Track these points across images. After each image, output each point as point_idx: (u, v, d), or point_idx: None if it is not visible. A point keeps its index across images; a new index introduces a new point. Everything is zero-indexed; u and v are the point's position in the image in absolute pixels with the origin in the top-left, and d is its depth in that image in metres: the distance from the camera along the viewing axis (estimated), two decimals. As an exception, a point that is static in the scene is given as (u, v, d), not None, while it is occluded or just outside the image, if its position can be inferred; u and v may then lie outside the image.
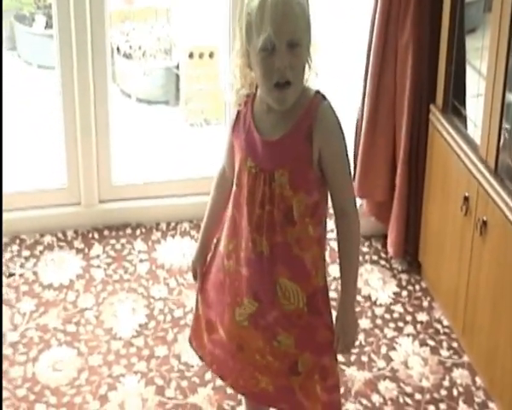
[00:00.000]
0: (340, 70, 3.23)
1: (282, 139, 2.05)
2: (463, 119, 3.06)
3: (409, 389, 2.90)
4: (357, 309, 3.21)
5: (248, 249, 2.12)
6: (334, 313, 2.21)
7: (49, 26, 4.60)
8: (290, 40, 1.96)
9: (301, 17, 1.98)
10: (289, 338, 2.16)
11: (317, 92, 2.07)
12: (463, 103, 3.09)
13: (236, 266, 2.17)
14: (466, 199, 2.88)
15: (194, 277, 2.35)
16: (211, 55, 4.33)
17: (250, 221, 2.10)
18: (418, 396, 2.88)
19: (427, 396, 2.88)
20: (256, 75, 2.02)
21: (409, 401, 2.86)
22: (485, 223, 2.76)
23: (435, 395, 2.88)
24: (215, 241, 2.30)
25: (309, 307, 2.14)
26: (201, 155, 4.02)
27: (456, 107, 3.09)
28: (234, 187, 2.14)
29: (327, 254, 2.33)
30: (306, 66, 2.03)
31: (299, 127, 2.04)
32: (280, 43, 1.95)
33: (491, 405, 2.85)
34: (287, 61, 1.96)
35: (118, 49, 4.52)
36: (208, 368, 2.49)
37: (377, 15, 3.18)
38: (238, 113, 2.12)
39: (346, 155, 2.12)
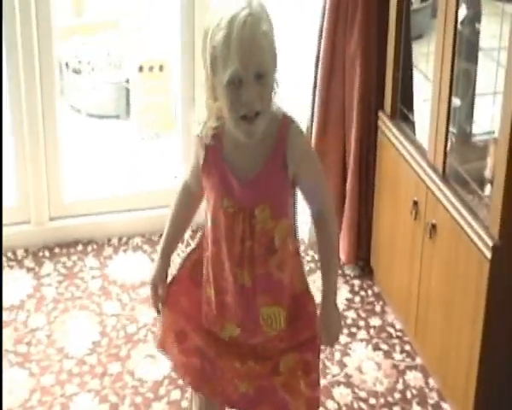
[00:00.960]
0: (288, 79, 3.23)
1: (259, 175, 2.02)
2: (411, 124, 3.08)
3: (363, 394, 2.90)
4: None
5: (230, 282, 2.10)
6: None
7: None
8: (257, 72, 1.91)
9: (267, 48, 1.94)
10: (272, 345, 2.16)
11: (284, 116, 2.03)
12: (411, 109, 3.12)
13: (218, 296, 2.14)
14: (415, 203, 2.90)
15: (155, 293, 2.25)
16: (161, 69, 4.31)
17: (230, 257, 2.07)
18: (372, 401, 2.88)
19: (382, 400, 2.88)
20: (223, 108, 1.97)
21: (363, 406, 2.86)
22: (434, 226, 2.77)
23: (389, 399, 2.89)
24: (188, 252, 2.24)
25: (289, 320, 2.14)
26: (153, 168, 4.00)
27: (404, 112, 3.11)
28: (209, 223, 2.09)
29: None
30: (273, 92, 1.98)
31: (273, 159, 2.02)
32: (247, 77, 1.90)
33: (445, 405, 2.86)
34: (255, 93, 1.92)
35: (66, 64, 4.48)
36: (181, 379, 2.44)
37: (325, 24, 3.19)
38: (207, 148, 2.05)
39: (319, 164, 2.14)
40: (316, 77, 3.30)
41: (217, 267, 2.12)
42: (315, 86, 3.32)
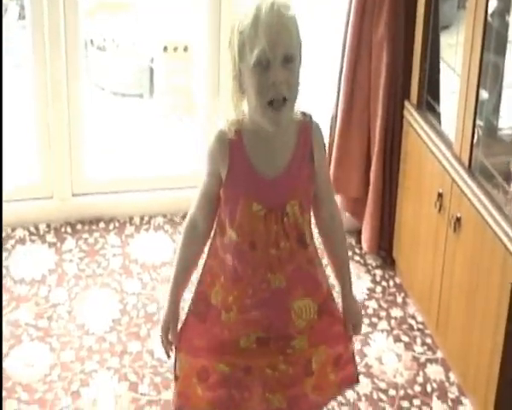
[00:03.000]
0: (314, 66, 3.23)
1: (289, 169, 2.02)
2: (437, 115, 3.07)
3: (383, 385, 2.91)
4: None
5: (260, 291, 2.08)
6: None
7: (22, 17, 4.55)
8: (285, 55, 1.91)
9: (294, 33, 1.95)
10: (303, 339, 2.15)
11: (303, 112, 2.05)
12: (437, 100, 3.10)
13: (238, 316, 2.11)
14: (440, 195, 2.89)
15: (166, 337, 2.19)
16: (185, 49, 4.30)
17: (263, 264, 2.05)
18: (392, 392, 2.89)
19: (401, 392, 2.89)
20: (249, 96, 1.96)
21: (383, 396, 2.87)
22: (458, 219, 2.77)
23: (409, 391, 2.89)
24: (195, 293, 2.20)
25: (320, 314, 2.16)
26: (175, 149, 4.01)
27: (430, 103, 3.10)
28: (233, 237, 2.06)
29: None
30: (299, 82, 1.98)
31: (300, 153, 2.03)
32: (275, 58, 1.90)
33: (465, 400, 2.86)
34: (282, 77, 1.91)
35: (91, 41, 4.48)
36: None
37: (352, 11, 3.18)
38: (230, 147, 2.01)
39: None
40: (342, 64, 3.29)
41: (236, 285, 2.09)
42: (341, 74, 3.31)
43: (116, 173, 3.71)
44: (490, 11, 2.70)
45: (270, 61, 1.90)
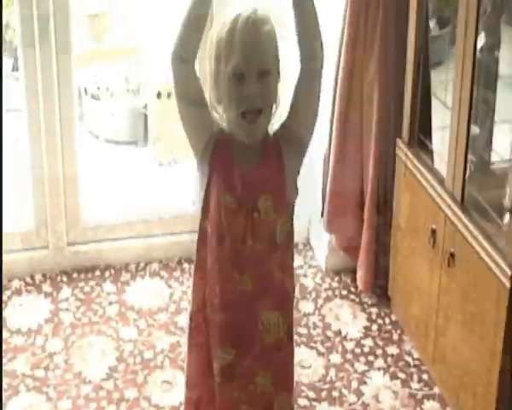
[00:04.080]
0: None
1: (258, 164, 2.03)
2: (430, 152, 3.08)
3: (381, 424, 2.89)
4: (328, 344, 3.21)
5: (226, 291, 2.06)
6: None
7: (16, 68, 4.59)
8: (259, 69, 1.95)
9: (270, 46, 1.98)
10: (267, 376, 2.13)
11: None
12: (429, 136, 3.11)
13: (210, 315, 2.11)
14: (433, 232, 2.89)
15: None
16: (178, 95, 4.32)
17: (229, 260, 2.05)
18: (390, 431, 2.87)
19: (400, 430, 2.87)
20: (225, 105, 1.99)
21: (381, 435, 2.85)
22: (452, 255, 2.76)
23: (407, 429, 2.88)
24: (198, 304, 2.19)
25: (288, 336, 2.13)
26: (170, 194, 4.01)
27: (422, 140, 3.11)
28: (207, 231, 2.06)
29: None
30: (275, 97, 2.01)
31: (269, 149, 2.03)
32: (249, 72, 1.94)
33: (463, 437, 2.84)
34: (257, 90, 1.94)
35: (85, 90, 4.52)
36: None
37: (343, 50, 3.20)
38: (217, 141, 2.04)
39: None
40: (333, 104, 3.31)
41: (209, 282, 2.08)
42: (332, 113, 3.32)
43: (111, 221, 3.71)
44: (478, 47, 2.72)
45: (245, 74, 1.94)
